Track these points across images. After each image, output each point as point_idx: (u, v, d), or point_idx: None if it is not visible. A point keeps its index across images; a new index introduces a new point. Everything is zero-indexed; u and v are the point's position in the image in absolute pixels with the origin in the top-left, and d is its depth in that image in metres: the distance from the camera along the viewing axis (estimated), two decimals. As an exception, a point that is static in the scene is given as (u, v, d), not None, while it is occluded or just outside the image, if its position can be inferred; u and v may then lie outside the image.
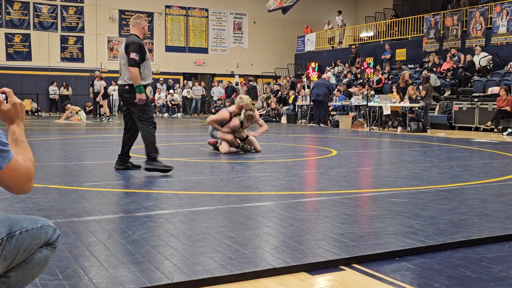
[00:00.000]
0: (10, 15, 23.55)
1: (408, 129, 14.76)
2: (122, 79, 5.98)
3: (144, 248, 2.97)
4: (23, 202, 4.18)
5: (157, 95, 24.66)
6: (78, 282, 2.42)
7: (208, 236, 3.24)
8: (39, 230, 1.85)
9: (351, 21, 28.88)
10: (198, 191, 4.89)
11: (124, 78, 5.94)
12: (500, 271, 2.72)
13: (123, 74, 5.97)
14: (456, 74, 17.95)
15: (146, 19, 6.29)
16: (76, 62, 24.70)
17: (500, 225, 3.63)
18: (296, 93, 21.37)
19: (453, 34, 19.82)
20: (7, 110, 1.81)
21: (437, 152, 9.21)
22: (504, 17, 17.87)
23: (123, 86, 5.97)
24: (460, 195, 4.84)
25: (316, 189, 5.34)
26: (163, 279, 2.47)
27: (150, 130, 5.90)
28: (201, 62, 27.25)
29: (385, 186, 5.30)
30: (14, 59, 23.63)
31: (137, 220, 3.65)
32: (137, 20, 6.16)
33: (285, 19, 27.23)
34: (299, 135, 12.16)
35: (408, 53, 21.64)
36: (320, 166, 7.21)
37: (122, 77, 5.99)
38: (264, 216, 3.86)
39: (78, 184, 5.19)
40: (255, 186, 5.24)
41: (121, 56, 6.02)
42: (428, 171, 6.48)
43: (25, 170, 1.71)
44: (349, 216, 3.89)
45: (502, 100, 14.38)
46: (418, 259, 2.92)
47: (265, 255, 2.89)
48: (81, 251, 2.91)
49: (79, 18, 24.76)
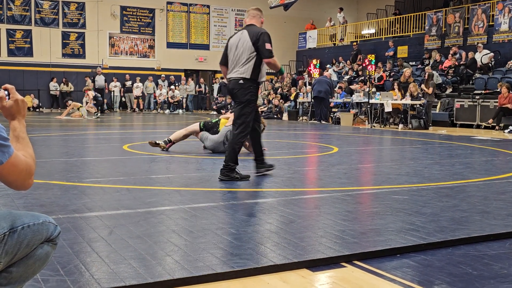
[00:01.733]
0: (11, 11, 23.55)
1: (410, 126, 14.75)
2: (238, 72, 5.37)
3: (145, 244, 2.97)
4: (24, 198, 4.18)
5: (158, 92, 24.65)
6: (79, 277, 2.42)
7: (209, 233, 3.24)
8: (41, 226, 1.86)
9: (353, 18, 28.83)
10: (199, 187, 4.89)
11: (240, 71, 5.35)
12: (501, 268, 2.72)
13: (238, 67, 5.37)
14: (458, 71, 17.92)
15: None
16: (77, 58, 24.70)
17: (501, 222, 3.63)
18: (298, 90, 21.36)
19: (455, 31, 19.78)
20: (9, 106, 1.81)
21: (439, 150, 9.21)
22: (506, 14, 17.83)
23: (236, 80, 5.36)
24: (462, 192, 4.84)
25: (317, 186, 5.34)
26: (164, 275, 2.48)
27: (240, 138, 5.37)
28: (202, 58, 27.23)
29: (386, 183, 5.30)
30: (15, 55, 23.63)
31: (139, 216, 3.65)
32: (258, 12, 5.63)
33: (287, 16, 27.20)
34: (300, 132, 12.16)
35: (410, 50, 21.61)
36: (321, 163, 7.21)
37: (237, 70, 5.38)
38: (265, 213, 3.87)
39: (80, 180, 5.19)
40: (256, 182, 5.23)
41: (238, 48, 5.40)
42: (429, 168, 6.47)
43: (25, 166, 1.72)
44: (350, 213, 3.89)
45: (504, 98, 14.36)
46: (419, 256, 2.92)
47: (266, 251, 2.90)
48: (82, 247, 2.91)
49: (80, 14, 24.75)
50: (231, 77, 5.41)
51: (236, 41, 5.43)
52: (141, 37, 26.01)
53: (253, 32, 5.36)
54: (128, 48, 25.81)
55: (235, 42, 5.43)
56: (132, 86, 24.53)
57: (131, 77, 24.56)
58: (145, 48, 26.14)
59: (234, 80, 5.37)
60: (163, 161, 6.78)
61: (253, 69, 5.32)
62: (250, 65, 5.32)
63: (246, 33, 5.38)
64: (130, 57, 25.82)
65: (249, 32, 5.38)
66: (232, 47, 5.46)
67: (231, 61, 5.44)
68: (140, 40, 26.02)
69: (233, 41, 5.47)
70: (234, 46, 5.43)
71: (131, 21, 25.76)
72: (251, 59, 5.32)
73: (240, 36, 5.43)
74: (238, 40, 5.42)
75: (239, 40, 5.40)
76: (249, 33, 5.36)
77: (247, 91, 5.33)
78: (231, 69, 5.44)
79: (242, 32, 5.45)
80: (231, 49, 5.47)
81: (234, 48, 5.43)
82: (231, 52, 5.46)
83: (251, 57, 5.32)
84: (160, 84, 24.82)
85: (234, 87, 5.36)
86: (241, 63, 5.34)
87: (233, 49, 5.44)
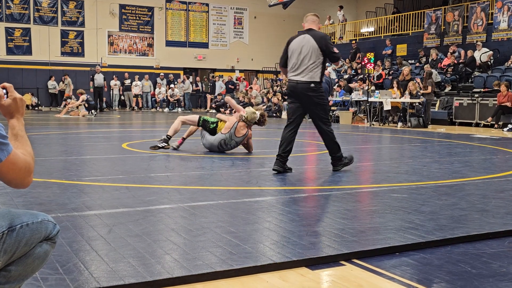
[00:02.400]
0: (10, 9, 23.50)
1: (409, 124, 14.76)
2: (307, 75, 5.60)
3: (144, 242, 2.97)
4: (23, 196, 4.18)
5: (157, 90, 24.64)
6: (78, 276, 2.42)
7: (209, 231, 3.24)
8: (40, 224, 1.86)
9: (352, 16, 28.82)
10: (198, 186, 4.89)
11: (309, 75, 5.59)
12: (500, 267, 2.72)
13: (307, 71, 5.61)
14: (457, 69, 17.93)
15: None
16: (76, 57, 24.66)
17: (500, 220, 3.63)
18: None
19: (454, 29, 19.78)
20: (7, 105, 1.81)
21: (438, 148, 9.21)
22: (505, 12, 17.83)
23: (307, 84, 5.61)
24: (461, 190, 4.84)
25: (316, 184, 5.34)
26: (163, 274, 2.48)
27: (332, 131, 5.88)
28: (201, 57, 27.21)
29: (386, 182, 5.30)
30: (14, 53, 23.59)
31: (138, 214, 3.65)
32: (317, 18, 5.91)
33: (286, 14, 27.17)
34: (299, 130, 12.14)
35: (409, 48, 21.61)
36: (320, 161, 7.21)
37: (306, 74, 5.61)
38: (264, 211, 3.87)
39: (79, 178, 5.19)
40: (255, 181, 5.24)
41: (302, 52, 5.62)
42: (428, 166, 6.48)
43: (24, 164, 1.72)
44: (349, 211, 3.89)
45: (503, 96, 14.37)
46: (418, 254, 2.92)
47: (265, 250, 2.90)
48: (81, 245, 2.91)
49: (79, 13, 24.71)
50: (299, 80, 5.66)
51: (300, 45, 5.66)
52: (140, 35, 25.99)
53: (317, 37, 5.64)
54: (127, 46, 25.78)
55: (298, 46, 5.67)
56: (131, 85, 24.52)
57: (130, 75, 24.54)
58: (144, 46, 26.12)
59: (304, 84, 5.63)
60: (162, 160, 6.78)
61: (321, 72, 5.67)
62: (319, 69, 5.64)
63: (310, 37, 5.63)
64: (129, 56, 25.79)
65: (314, 37, 5.64)
66: (294, 50, 5.69)
67: (294, 64, 5.69)
68: (139, 38, 26.00)
69: (296, 45, 5.70)
70: (297, 50, 5.66)
71: (130, 19, 25.73)
72: (319, 63, 5.63)
73: (303, 40, 5.66)
74: (301, 44, 5.65)
75: (303, 44, 5.64)
76: (314, 38, 5.63)
77: (318, 93, 5.67)
78: (295, 72, 5.69)
79: (304, 36, 5.69)
80: (293, 52, 5.70)
81: (297, 52, 5.67)
82: (294, 55, 5.70)
83: (319, 61, 5.63)
84: (159, 82, 24.80)
85: (305, 91, 5.64)
86: (309, 67, 5.61)
87: (296, 53, 5.67)
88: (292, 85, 5.77)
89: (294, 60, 5.68)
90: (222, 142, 7.41)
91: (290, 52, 5.75)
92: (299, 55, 5.64)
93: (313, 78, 5.61)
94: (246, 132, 7.42)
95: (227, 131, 7.36)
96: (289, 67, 5.77)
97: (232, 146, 7.45)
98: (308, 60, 5.60)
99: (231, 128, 7.36)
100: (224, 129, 7.42)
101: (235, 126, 7.37)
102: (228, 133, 7.36)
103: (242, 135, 7.39)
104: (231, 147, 7.46)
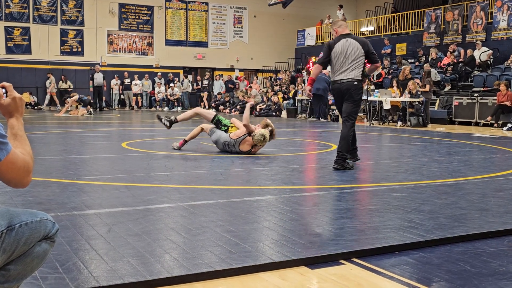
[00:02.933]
0: (9, 8, 23.48)
1: (408, 123, 14.76)
2: (351, 74, 6.14)
3: (144, 241, 2.97)
4: (23, 195, 4.18)
5: (157, 89, 24.63)
6: (78, 275, 2.42)
7: (208, 230, 3.24)
8: (39, 223, 1.86)
9: (352, 15, 28.81)
10: (198, 185, 4.89)
11: (353, 73, 6.13)
12: (499, 266, 2.72)
13: (351, 71, 6.14)
14: (457, 69, 17.92)
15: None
16: (76, 56, 24.64)
17: (499, 219, 3.64)
18: (296, 87, 21.35)
19: (454, 28, 19.78)
20: (6, 104, 1.81)
21: (437, 147, 9.21)
22: (504, 11, 17.83)
23: (351, 81, 6.14)
24: (460, 189, 4.85)
25: (315, 184, 5.34)
26: (163, 273, 2.48)
27: (352, 132, 6.21)
28: (201, 56, 27.20)
29: (385, 181, 5.30)
30: (13, 52, 23.57)
31: (137, 213, 3.65)
32: (346, 23, 6.53)
33: (286, 13, 27.16)
34: (299, 129, 12.17)
35: (409, 47, 21.60)
36: (320, 160, 7.21)
37: (350, 72, 6.14)
38: (264, 210, 3.87)
39: (78, 177, 5.19)
40: (255, 180, 5.24)
41: (348, 54, 6.15)
42: (428, 165, 6.48)
43: (23, 164, 1.72)
44: (348, 210, 3.89)
45: (502, 95, 14.37)
46: (417, 253, 2.92)
47: (265, 249, 2.90)
48: (81, 244, 2.91)
49: (78, 12, 24.69)
50: (343, 79, 6.15)
51: (344, 48, 6.16)
52: (139, 34, 25.96)
53: (360, 40, 6.26)
54: (127, 45, 25.76)
55: (342, 49, 6.16)
56: (130, 84, 24.51)
57: (130, 74, 24.53)
58: (143, 45, 26.10)
59: (349, 82, 6.14)
60: (161, 159, 6.78)
61: (362, 72, 6.23)
62: (360, 69, 6.19)
63: (353, 40, 6.20)
64: (129, 55, 25.77)
65: (357, 40, 6.25)
66: (340, 53, 6.16)
67: (339, 65, 6.18)
68: (139, 37, 25.97)
69: (340, 49, 6.17)
70: (343, 52, 6.15)
71: (129, 18, 25.71)
72: (361, 64, 6.19)
73: (346, 43, 6.17)
74: (345, 47, 6.15)
75: (347, 47, 6.15)
76: (357, 40, 6.23)
77: (360, 90, 6.22)
78: (339, 72, 6.18)
79: (347, 40, 6.20)
80: (339, 55, 6.16)
81: (342, 55, 6.15)
82: (340, 57, 6.17)
83: (362, 61, 6.19)
84: (158, 81, 24.79)
85: (350, 87, 6.15)
86: (353, 67, 6.14)
87: (341, 56, 6.15)
88: (337, 86, 6.24)
89: (340, 62, 6.17)
90: (227, 144, 7.43)
91: (335, 55, 6.19)
92: (345, 57, 6.15)
93: (356, 76, 6.14)
94: (249, 150, 7.37)
95: (235, 138, 7.36)
96: (334, 69, 6.23)
97: (233, 152, 7.44)
98: (351, 60, 6.13)
99: (239, 137, 7.34)
100: (233, 134, 7.41)
101: (242, 138, 7.34)
102: (234, 140, 7.36)
103: (246, 150, 7.36)
104: (233, 152, 7.45)
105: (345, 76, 6.16)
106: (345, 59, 6.15)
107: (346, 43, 6.19)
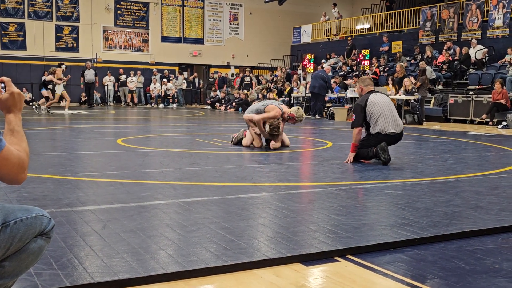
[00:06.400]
0: (4, 4, 23.37)
1: (403, 121, 14.78)
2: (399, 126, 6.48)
3: (139, 238, 2.97)
4: (17, 191, 4.17)
5: (152, 86, 24.58)
6: (72, 271, 2.42)
7: (203, 227, 3.24)
8: (34, 220, 1.85)
9: (348, 12, 28.80)
10: (193, 181, 4.89)
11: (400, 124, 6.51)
12: (493, 263, 2.73)
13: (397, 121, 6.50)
14: (452, 67, 17.96)
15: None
16: (71, 52, 24.56)
17: (494, 217, 3.65)
18: (292, 84, 21.35)
19: (449, 26, 19.81)
20: (4, 99, 1.80)
21: (432, 145, 9.23)
22: (500, 10, 17.86)
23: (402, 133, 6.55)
24: (455, 187, 4.86)
25: (311, 181, 5.35)
26: (157, 269, 2.48)
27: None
28: (196, 53, 27.15)
29: (380, 178, 5.31)
30: (8, 48, 23.48)
31: (132, 210, 3.65)
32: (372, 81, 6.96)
33: (281, 10, 27.14)
34: (295, 126, 12.13)
35: (404, 45, 21.62)
36: (315, 157, 7.22)
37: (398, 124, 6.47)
38: (259, 207, 3.87)
39: (73, 174, 5.18)
40: (250, 177, 5.24)
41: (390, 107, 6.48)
42: (423, 163, 6.49)
43: (17, 160, 1.70)
44: (344, 207, 3.90)
45: (497, 93, 14.41)
46: (412, 250, 2.93)
47: (260, 246, 2.90)
48: (76, 241, 2.91)
49: (74, 8, 24.60)
50: (396, 132, 6.40)
51: (382, 101, 6.39)
52: (135, 31, 25.90)
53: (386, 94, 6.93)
54: (122, 42, 25.69)
55: (381, 102, 6.38)
56: (126, 80, 24.45)
57: (125, 71, 24.47)
58: (139, 42, 26.04)
59: (400, 134, 6.48)
60: (157, 155, 6.78)
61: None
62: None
63: (383, 95, 6.61)
64: (124, 51, 25.71)
65: (385, 93, 6.89)
66: (382, 108, 6.34)
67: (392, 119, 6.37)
68: (134, 34, 25.91)
69: (379, 102, 6.35)
70: (384, 107, 6.36)
71: (125, 14, 25.63)
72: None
73: (380, 96, 6.48)
74: (382, 100, 6.43)
75: (383, 100, 6.44)
76: (385, 94, 6.80)
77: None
78: (393, 124, 6.36)
79: (377, 94, 6.50)
80: (382, 109, 6.33)
81: (386, 108, 6.36)
82: (384, 111, 6.32)
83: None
84: (154, 78, 24.74)
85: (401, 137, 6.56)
86: (397, 117, 6.49)
87: (386, 109, 6.35)
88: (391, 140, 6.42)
89: (388, 115, 6.35)
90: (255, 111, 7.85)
91: (377, 111, 6.31)
92: (390, 109, 6.40)
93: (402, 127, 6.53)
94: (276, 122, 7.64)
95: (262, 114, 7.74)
96: (385, 123, 6.33)
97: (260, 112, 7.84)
98: (395, 113, 6.46)
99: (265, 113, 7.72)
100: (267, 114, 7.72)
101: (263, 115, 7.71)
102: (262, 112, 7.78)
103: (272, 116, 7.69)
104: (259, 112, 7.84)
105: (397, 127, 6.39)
106: (391, 111, 6.39)
107: (379, 95, 6.47)
